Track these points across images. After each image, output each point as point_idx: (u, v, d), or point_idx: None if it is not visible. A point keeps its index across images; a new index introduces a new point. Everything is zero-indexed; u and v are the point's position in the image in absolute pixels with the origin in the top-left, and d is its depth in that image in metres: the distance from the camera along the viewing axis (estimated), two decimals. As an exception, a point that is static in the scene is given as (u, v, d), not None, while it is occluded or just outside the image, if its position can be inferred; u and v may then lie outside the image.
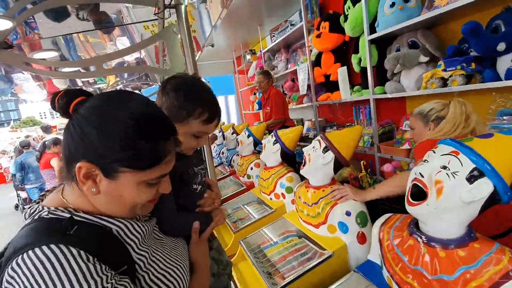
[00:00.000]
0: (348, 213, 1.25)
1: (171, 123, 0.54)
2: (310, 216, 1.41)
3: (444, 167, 0.76)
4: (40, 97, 5.62)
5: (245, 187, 2.36)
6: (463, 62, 1.47)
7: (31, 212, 0.51)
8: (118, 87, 5.28)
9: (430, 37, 1.76)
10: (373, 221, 1.15)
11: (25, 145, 4.73)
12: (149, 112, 0.51)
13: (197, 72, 2.05)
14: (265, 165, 2.10)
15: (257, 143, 2.52)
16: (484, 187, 0.71)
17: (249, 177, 2.45)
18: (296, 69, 3.18)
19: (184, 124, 0.77)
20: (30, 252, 0.41)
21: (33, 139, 8.83)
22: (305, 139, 3.08)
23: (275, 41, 3.46)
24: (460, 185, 0.73)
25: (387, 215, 1.07)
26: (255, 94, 4.63)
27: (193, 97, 0.77)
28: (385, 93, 2.01)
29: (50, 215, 0.48)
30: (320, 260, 1.25)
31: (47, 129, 5.37)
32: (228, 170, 3.05)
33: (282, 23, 3.33)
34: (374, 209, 2.08)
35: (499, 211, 1.03)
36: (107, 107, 0.49)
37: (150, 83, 5.76)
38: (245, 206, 2.05)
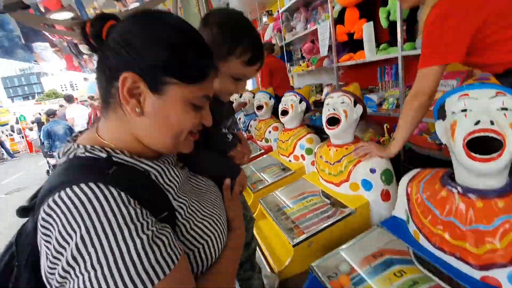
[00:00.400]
0: (372, 171, 1.21)
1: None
2: (332, 175, 1.38)
3: (504, 109, 0.69)
4: (60, 65, 5.71)
5: (263, 151, 2.35)
6: None
7: (65, 151, 0.47)
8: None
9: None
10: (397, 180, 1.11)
11: (50, 114, 4.89)
12: (190, 27, 0.49)
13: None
14: (284, 127, 2.05)
15: (275, 108, 2.46)
16: None
17: (267, 140, 2.42)
18: (316, 29, 2.98)
19: (223, 62, 0.70)
20: (68, 189, 0.38)
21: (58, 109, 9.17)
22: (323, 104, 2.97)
23: (293, -2, 3.23)
24: None
25: (415, 170, 1.02)
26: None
27: (237, 33, 0.71)
28: (415, 49, 1.84)
29: (87, 154, 0.45)
30: (341, 216, 1.24)
31: (69, 98, 5.52)
32: (246, 135, 3.04)
33: (302, -23, 3.08)
34: (396, 171, 2.04)
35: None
36: (148, 20, 0.46)
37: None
38: (264, 168, 2.06)
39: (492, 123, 0.70)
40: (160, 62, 0.44)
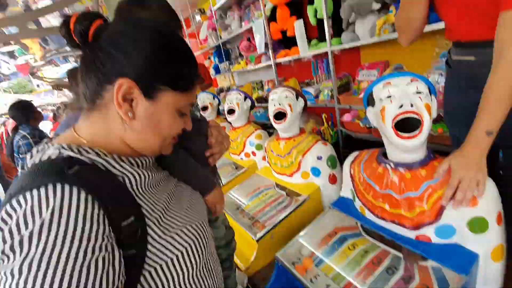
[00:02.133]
0: (319, 158, 1.32)
1: None
2: (283, 167, 1.45)
3: (418, 92, 0.82)
4: None
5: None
6: (412, 6, 1.53)
7: (36, 152, 0.44)
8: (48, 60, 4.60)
9: (381, -17, 1.79)
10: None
11: None
12: (180, 37, 0.52)
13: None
14: (232, 126, 2.07)
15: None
16: (435, 101, 0.86)
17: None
18: (251, 27, 3.05)
19: None
20: (20, 197, 0.36)
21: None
22: (266, 100, 3.08)
23: (224, -5, 3.24)
24: (432, 103, 0.83)
25: (355, 153, 1.14)
26: (209, 58, 4.41)
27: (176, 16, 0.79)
28: (341, 43, 2.05)
29: (59, 152, 0.43)
30: (296, 204, 1.32)
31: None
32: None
33: (231, -24, 3.10)
34: (337, 157, 2.25)
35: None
36: (143, 27, 0.47)
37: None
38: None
39: (411, 105, 0.83)
40: (156, 71, 0.46)
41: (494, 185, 0.76)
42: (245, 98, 1.98)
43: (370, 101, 0.96)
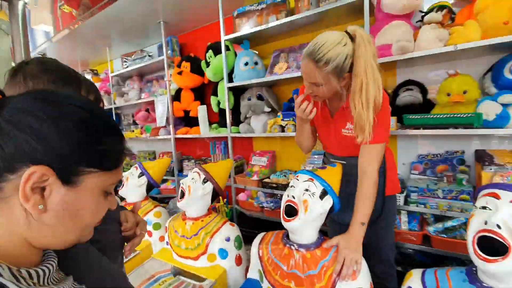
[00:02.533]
0: (228, 239, 1.37)
1: None
2: (189, 249, 1.39)
3: (307, 190, 1.06)
4: None
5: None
6: (293, 116, 2.06)
7: None
8: None
9: (271, 93, 2.34)
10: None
11: None
12: (100, 108, 0.46)
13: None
14: (125, 202, 1.85)
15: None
16: (328, 201, 1.07)
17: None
18: (151, 100, 3.11)
19: None
20: None
21: None
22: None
23: (126, 67, 3.26)
24: (317, 201, 1.05)
25: (262, 234, 1.27)
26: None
27: (73, 75, 0.71)
28: (239, 132, 2.39)
29: None
30: (202, 292, 1.25)
31: None
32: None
33: (137, 51, 3.22)
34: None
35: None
36: (54, 101, 0.40)
37: None
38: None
39: (293, 197, 1.07)
40: (75, 152, 0.39)
41: (365, 263, 1.03)
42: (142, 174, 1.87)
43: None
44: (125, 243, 0.87)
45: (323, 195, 1.07)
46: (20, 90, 0.64)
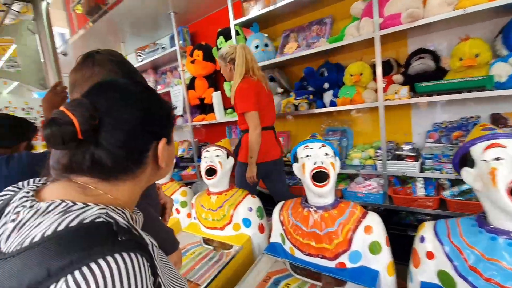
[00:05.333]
0: (250, 209, 1.47)
1: None
2: (215, 221, 1.51)
3: (327, 154, 1.14)
4: None
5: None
6: (306, 94, 2.11)
7: (65, 209, 0.41)
8: None
9: (282, 74, 2.39)
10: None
11: None
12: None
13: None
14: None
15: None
16: (338, 161, 1.17)
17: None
18: (166, 91, 3.23)
19: None
20: (93, 264, 0.35)
21: None
22: (182, 159, 3.13)
23: (141, 61, 3.38)
24: (337, 162, 1.16)
25: (281, 202, 1.37)
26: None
27: (132, 72, 0.80)
28: (254, 114, 2.47)
29: (105, 217, 0.41)
30: (230, 257, 1.37)
31: None
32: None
33: (150, 44, 3.32)
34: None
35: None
36: (129, 92, 0.52)
37: None
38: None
39: (322, 162, 1.15)
40: (169, 122, 0.57)
41: (379, 219, 1.11)
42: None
43: (295, 158, 1.25)
44: None
45: (334, 156, 1.16)
46: (86, 73, 0.74)
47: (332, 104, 1.99)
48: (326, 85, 2.04)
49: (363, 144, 2.06)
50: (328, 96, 2.08)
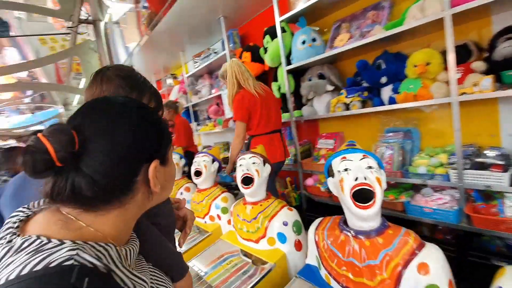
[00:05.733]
0: (285, 223, 1.34)
1: None
2: (250, 232, 1.44)
3: (370, 167, 0.94)
4: None
5: (175, 214, 2.23)
6: (359, 91, 1.85)
7: (37, 247, 0.38)
8: None
9: (333, 70, 2.15)
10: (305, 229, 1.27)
11: None
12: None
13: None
14: (197, 188, 2.04)
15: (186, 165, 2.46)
16: (384, 174, 0.98)
17: (179, 203, 2.33)
18: (220, 94, 3.31)
19: None
20: None
21: None
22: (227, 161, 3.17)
23: (197, 67, 3.54)
24: (383, 177, 0.95)
25: (319, 219, 1.20)
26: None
27: (140, 83, 0.77)
28: (302, 116, 2.30)
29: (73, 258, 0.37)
30: (262, 274, 1.28)
31: None
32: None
33: (205, 50, 3.46)
34: (301, 220, 2.28)
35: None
36: (117, 113, 0.47)
37: (47, 104, 4.93)
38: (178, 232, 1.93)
39: (365, 178, 0.94)
40: (163, 141, 0.51)
41: (443, 256, 0.85)
42: (212, 161, 2.02)
43: (330, 172, 1.07)
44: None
45: (379, 169, 0.93)
46: (96, 90, 0.75)
47: (391, 101, 1.68)
48: (383, 79, 1.73)
49: (433, 147, 1.68)
50: (386, 92, 1.77)
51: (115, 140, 0.44)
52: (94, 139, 0.43)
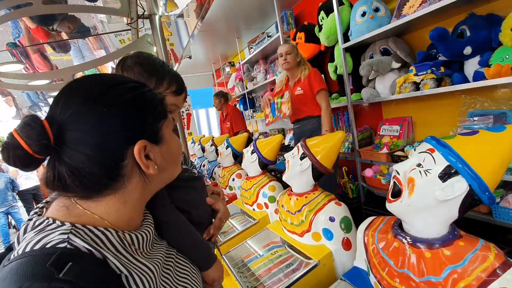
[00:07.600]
0: (331, 219, 1.22)
1: None
2: (294, 225, 1.36)
3: (419, 165, 0.75)
4: (9, 114, 5.36)
5: (227, 199, 2.29)
6: (433, 67, 1.52)
7: (43, 227, 0.41)
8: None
9: (400, 44, 1.83)
10: (357, 226, 1.12)
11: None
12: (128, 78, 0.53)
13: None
14: (247, 175, 2.04)
15: (236, 154, 2.48)
16: (458, 186, 0.70)
17: (231, 188, 2.38)
18: (272, 80, 3.21)
19: None
20: None
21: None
22: (287, 149, 3.07)
23: (253, 52, 3.49)
24: (432, 183, 0.72)
25: (370, 218, 1.04)
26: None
27: (159, 68, 0.77)
28: (361, 99, 2.04)
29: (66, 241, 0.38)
30: (305, 270, 1.19)
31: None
32: (210, 182, 2.97)
33: (259, 35, 3.38)
34: (358, 214, 2.08)
35: None
36: (93, 93, 0.43)
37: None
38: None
39: (398, 173, 0.82)
40: (148, 118, 0.47)
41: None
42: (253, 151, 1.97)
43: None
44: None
45: (447, 175, 0.72)
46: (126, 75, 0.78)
47: (478, 76, 1.33)
48: (467, 50, 1.38)
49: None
50: (471, 66, 1.42)
51: (87, 127, 0.41)
52: (70, 127, 0.40)
